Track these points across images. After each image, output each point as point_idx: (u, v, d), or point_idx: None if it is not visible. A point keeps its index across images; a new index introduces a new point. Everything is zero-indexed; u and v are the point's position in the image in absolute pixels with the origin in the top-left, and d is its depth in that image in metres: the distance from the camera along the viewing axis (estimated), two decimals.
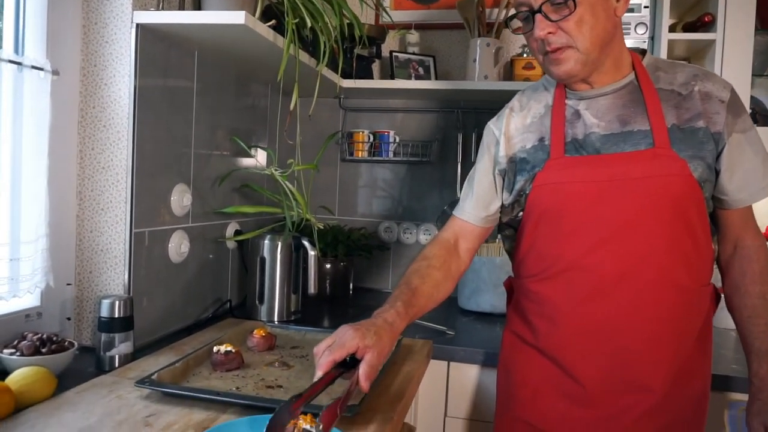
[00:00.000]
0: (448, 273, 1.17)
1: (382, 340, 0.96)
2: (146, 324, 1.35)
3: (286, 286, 1.58)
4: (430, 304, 1.13)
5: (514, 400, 1.18)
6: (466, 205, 1.22)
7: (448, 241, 1.22)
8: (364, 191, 2.16)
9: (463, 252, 1.23)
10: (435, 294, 1.14)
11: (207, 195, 1.58)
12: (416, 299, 1.09)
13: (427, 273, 1.14)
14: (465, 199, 1.23)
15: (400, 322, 1.03)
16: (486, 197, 1.21)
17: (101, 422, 0.88)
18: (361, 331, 0.95)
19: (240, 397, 0.96)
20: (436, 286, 1.14)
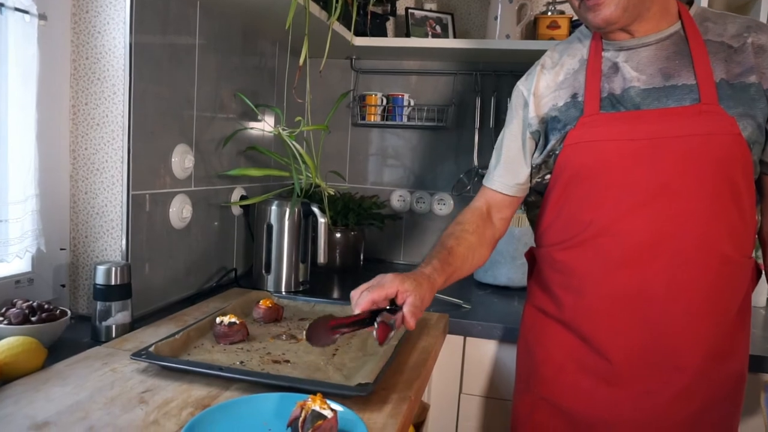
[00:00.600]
0: (482, 238, 1.12)
1: (422, 287, 0.94)
2: (145, 293, 1.27)
3: (294, 255, 1.49)
4: (465, 267, 1.08)
5: (535, 378, 1.11)
6: (495, 173, 1.15)
7: (480, 209, 1.16)
8: (375, 158, 2.06)
9: (497, 220, 1.16)
10: (470, 257, 1.09)
11: (210, 157, 1.49)
12: (452, 258, 1.04)
13: (461, 236, 1.09)
14: (493, 167, 1.16)
15: (438, 276, 0.99)
16: (515, 164, 1.13)
17: (92, 398, 0.81)
18: (400, 277, 0.93)
19: (244, 373, 0.88)
20: (471, 249, 1.09)
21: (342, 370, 0.95)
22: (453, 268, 1.04)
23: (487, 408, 1.40)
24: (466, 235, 1.10)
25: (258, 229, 1.52)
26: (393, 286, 0.92)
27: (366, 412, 0.80)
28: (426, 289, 0.95)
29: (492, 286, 1.72)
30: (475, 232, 1.11)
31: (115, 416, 0.76)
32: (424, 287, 0.95)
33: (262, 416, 0.75)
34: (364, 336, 1.13)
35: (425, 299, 0.94)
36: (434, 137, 2.00)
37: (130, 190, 1.20)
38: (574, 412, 1.05)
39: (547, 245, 1.10)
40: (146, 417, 0.76)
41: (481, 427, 1.40)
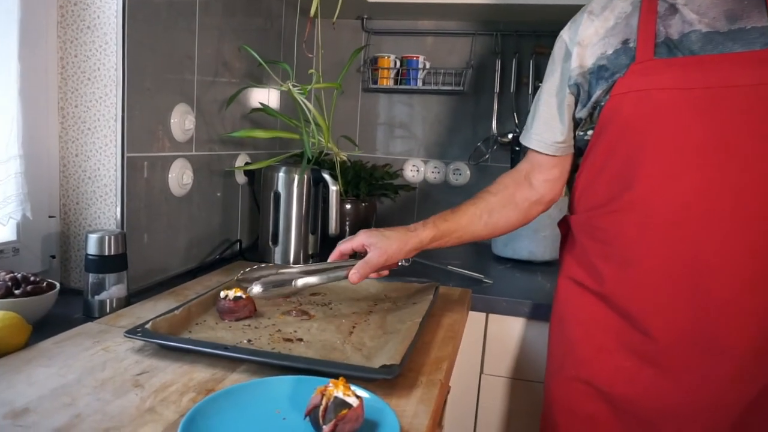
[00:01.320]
0: (508, 199, 1.07)
1: (389, 240, 0.96)
2: (143, 265, 1.17)
3: (303, 226, 1.39)
4: (476, 228, 1.05)
5: (570, 357, 1.01)
6: (531, 131, 1.06)
7: (518, 170, 1.10)
8: (387, 125, 1.94)
9: (538, 183, 1.08)
10: (484, 218, 1.05)
11: (213, 119, 1.37)
12: (455, 215, 1.04)
13: (480, 196, 1.07)
14: (530, 124, 1.07)
15: (425, 231, 1.00)
16: (553, 121, 1.03)
17: (80, 381, 0.71)
18: (371, 231, 0.98)
19: (253, 353, 0.78)
20: (488, 209, 1.05)
21: (361, 349, 0.85)
22: (453, 225, 1.02)
23: (511, 390, 1.31)
24: (486, 195, 1.07)
25: (264, 198, 1.41)
26: (359, 240, 0.98)
27: (392, 398, 0.70)
28: (395, 242, 0.97)
29: (512, 261, 1.62)
30: (499, 193, 1.07)
31: (106, 402, 0.66)
32: (391, 240, 0.96)
33: (275, 403, 0.65)
34: (383, 312, 1.03)
35: (389, 253, 0.96)
36: (451, 103, 1.88)
37: (125, 152, 1.09)
38: (615, 395, 0.95)
39: (585, 210, 1.00)
40: (141, 403, 0.66)
41: (503, 409, 1.31)
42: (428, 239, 1.00)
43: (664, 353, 0.90)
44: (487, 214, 1.05)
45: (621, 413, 0.95)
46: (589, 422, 0.98)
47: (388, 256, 0.96)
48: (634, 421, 0.94)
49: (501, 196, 1.07)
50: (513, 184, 1.09)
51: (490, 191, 1.08)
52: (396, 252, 0.97)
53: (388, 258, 0.96)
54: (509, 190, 1.08)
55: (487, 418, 1.32)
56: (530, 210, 1.09)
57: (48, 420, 0.61)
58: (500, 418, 1.32)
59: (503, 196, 1.07)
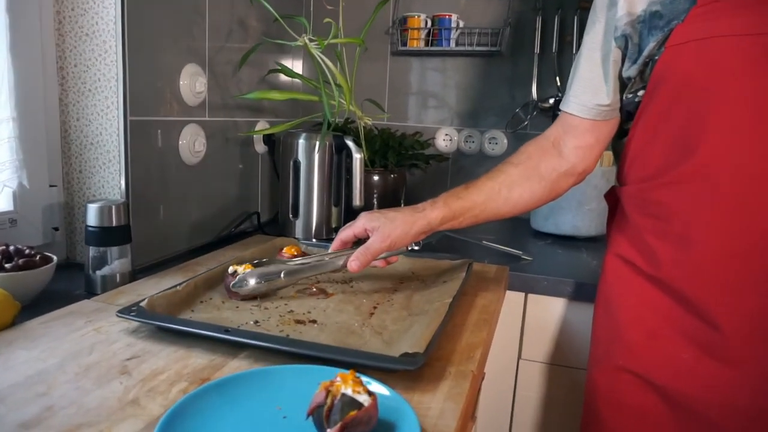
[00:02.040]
0: (531, 171, 0.93)
1: (393, 224, 0.86)
2: (152, 238, 1.09)
3: (325, 197, 1.28)
4: (496, 204, 0.92)
5: (618, 344, 0.89)
6: (570, 92, 0.92)
7: (545, 137, 0.95)
8: (418, 91, 1.81)
9: (568, 150, 0.93)
10: (506, 192, 0.92)
11: (228, 82, 1.27)
12: (468, 192, 0.91)
13: (499, 168, 0.94)
14: (569, 86, 0.93)
15: (434, 211, 0.88)
16: (594, 81, 0.89)
17: (61, 367, 0.63)
18: (373, 214, 0.88)
19: (257, 337, 0.68)
20: (509, 183, 0.92)
21: (382, 333, 0.74)
22: (467, 203, 0.90)
23: (551, 376, 1.19)
24: (506, 167, 0.94)
25: (284, 168, 1.31)
26: (360, 224, 0.88)
27: (415, 393, 0.60)
28: (399, 225, 0.86)
29: (553, 236, 1.49)
30: (522, 164, 0.94)
31: (85, 392, 0.57)
32: (396, 223, 0.86)
33: (275, 397, 0.55)
34: (409, 291, 0.92)
35: (393, 237, 0.85)
36: (486, 66, 1.73)
37: (128, 115, 1.00)
38: (669, 389, 0.82)
39: (637, 181, 0.86)
40: (125, 394, 0.57)
41: (543, 398, 1.20)
42: (438, 220, 0.89)
43: (729, 344, 0.77)
44: (507, 189, 0.92)
45: (676, 408, 0.82)
46: (638, 416, 0.86)
47: (391, 240, 0.86)
48: (691, 418, 0.82)
49: (523, 167, 0.94)
50: (538, 153, 0.95)
51: (511, 162, 0.95)
52: (401, 236, 0.86)
53: (392, 243, 0.86)
54: (533, 161, 0.94)
55: (525, 407, 1.21)
56: (558, 182, 0.95)
57: (16, 412, 0.53)
58: (539, 407, 1.21)
59: (526, 167, 0.94)
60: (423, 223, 0.88)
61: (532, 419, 1.21)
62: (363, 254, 0.86)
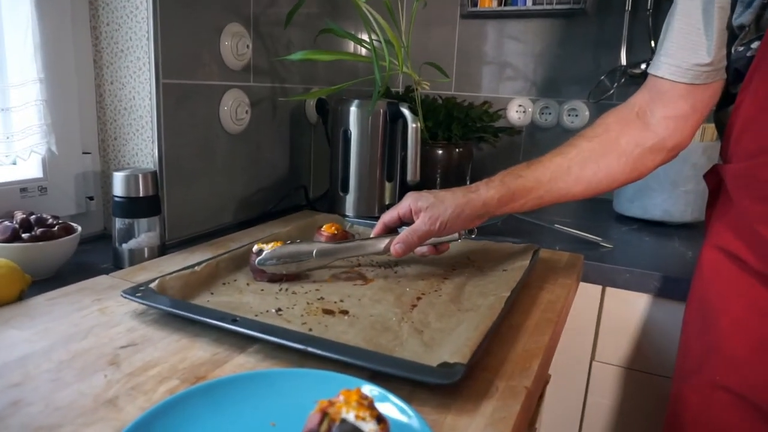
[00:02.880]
0: (609, 145, 0.79)
1: (442, 205, 0.76)
2: (188, 212, 1.02)
3: (378, 171, 1.17)
4: (565, 184, 0.79)
5: (715, 356, 0.73)
6: (662, 51, 0.76)
7: (630, 106, 0.80)
8: (489, 57, 1.64)
9: (656, 120, 0.78)
10: (577, 171, 0.79)
11: (275, 43, 1.17)
12: (531, 170, 0.79)
13: (570, 143, 0.81)
14: (660, 43, 0.77)
15: (487, 190, 0.77)
16: (694, 34, 0.72)
17: (48, 353, 0.55)
18: (420, 194, 0.78)
19: (266, 330, 0.57)
20: (581, 160, 0.79)
21: (423, 332, 0.62)
22: (529, 182, 0.78)
23: (629, 383, 1.03)
24: (579, 141, 0.80)
25: (335, 138, 1.20)
26: (406, 205, 0.78)
27: (448, 415, 0.47)
28: (450, 206, 0.75)
29: (640, 221, 1.30)
30: (598, 137, 0.80)
31: (62, 386, 0.49)
32: (446, 204, 0.76)
33: (272, 410, 0.45)
34: (461, 280, 0.80)
35: (443, 220, 0.75)
36: (568, 27, 1.54)
37: (161, 78, 0.92)
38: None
39: (746, 158, 0.70)
40: (104, 390, 0.49)
41: (617, 406, 1.04)
42: (494, 201, 0.77)
43: None
44: (579, 166, 0.79)
45: None
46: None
47: (441, 223, 0.76)
48: None
49: (600, 140, 0.79)
50: (618, 125, 0.80)
51: (585, 135, 0.81)
52: (452, 218, 0.76)
53: (441, 226, 0.76)
54: (612, 133, 0.79)
55: (597, 415, 1.06)
56: (642, 160, 0.79)
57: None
58: (612, 416, 1.05)
59: (603, 141, 0.79)
60: (477, 205, 0.76)
61: (604, 430, 1.06)
62: (408, 237, 0.77)
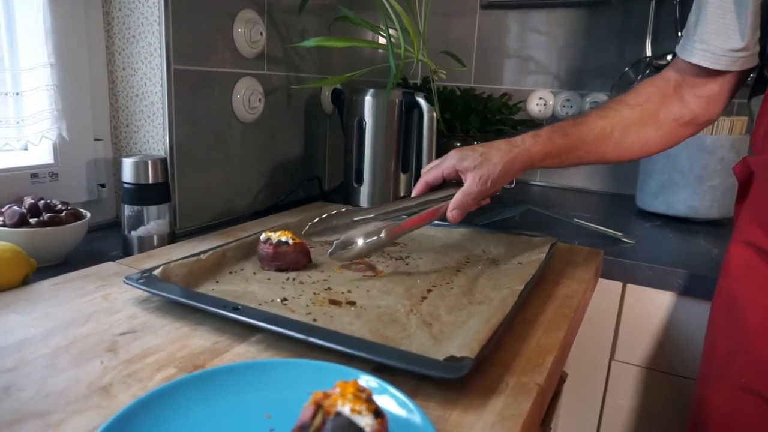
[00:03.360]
0: (650, 116, 0.79)
1: (490, 162, 0.73)
2: (199, 201, 1.00)
3: (393, 162, 1.14)
4: (604, 148, 0.79)
5: (743, 357, 0.69)
6: (695, 35, 0.74)
7: (664, 78, 0.80)
8: (510, 48, 1.60)
9: (690, 98, 0.78)
10: (618, 136, 0.79)
11: (290, 31, 1.15)
12: (578, 129, 0.78)
13: (611, 106, 0.81)
14: (692, 26, 0.75)
15: (533, 144, 0.75)
16: (727, 19, 0.70)
17: (46, 338, 0.54)
18: (464, 151, 0.75)
19: (267, 319, 0.55)
20: (623, 126, 0.79)
21: (432, 325, 0.60)
22: (574, 141, 0.77)
23: (650, 383, 0.99)
24: (620, 106, 0.80)
25: (349, 128, 1.18)
26: (450, 165, 0.75)
27: (454, 412, 0.45)
28: (497, 164, 0.73)
29: (664, 217, 1.26)
30: (640, 107, 0.80)
31: (57, 372, 0.48)
32: (492, 162, 0.73)
33: (268, 402, 0.43)
34: (474, 272, 0.77)
35: (494, 178, 0.73)
36: (591, 17, 1.49)
37: (172, 63, 0.91)
38: None
39: None
40: (99, 378, 0.47)
41: (638, 407, 1.00)
42: (539, 156, 0.76)
43: None
44: (620, 133, 0.79)
45: None
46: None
47: (492, 182, 0.74)
48: None
49: (641, 110, 0.80)
50: (658, 97, 0.80)
51: (627, 102, 0.80)
52: (501, 176, 0.74)
53: (492, 184, 0.74)
54: (653, 104, 0.80)
55: (616, 416, 1.02)
56: (676, 132, 0.81)
57: None
58: (632, 418, 1.01)
59: (644, 111, 0.80)
60: (524, 159, 0.75)
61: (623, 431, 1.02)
62: (463, 201, 0.75)
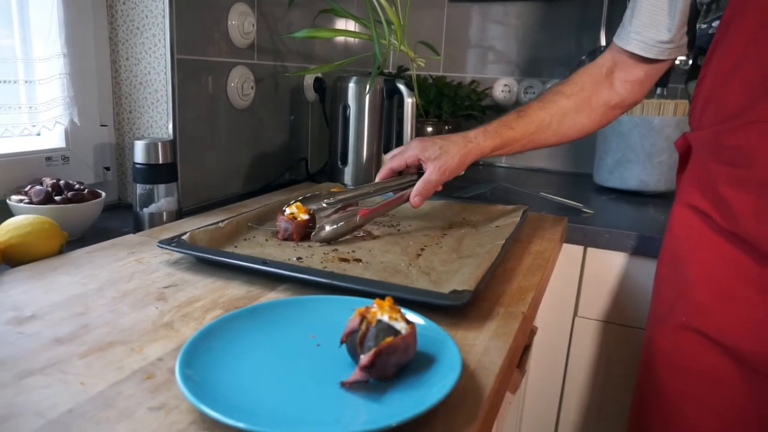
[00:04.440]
0: (584, 103, 0.92)
1: (448, 154, 0.85)
2: (200, 181, 1.08)
3: (375, 144, 1.24)
4: (545, 136, 0.92)
5: (683, 302, 0.81)
6: (631, 27, 0.86)
7: (599, 67, 0.92)
8: (476, 39, 1.72)
9: (619, 83, 0.90)
10: (556, 125, 0.91)
11: (277, 23, 1.24)
12: (520, 122, 0.90)
13: (550, 98, 0.92)
14: (627, 19, 0.87)
15: (485, 140, 0.88)
16: (659, 15, 0.82)
17: (100, 291, 0.62)
18: (425, 142, 0.86)
19: (295, 269, 0.65)
20: (560, 115, 0.91)
21: (429, 274, 0.70)
22: (518, 134, 0.90)
23: (608, 336, 1.12)
24: (557, 97, 0.92)
25: (334, 113, 1.27)
26: (413, 154, 0.86)
27: (459, 330, 0.56)
28: (454, 155, 0.85)
29: (618, 191, 1.40)
30: (575, 95, 0.92)
31: (121, 314, 0.56)
32: (450, 154, 0.85)
33: (310, 326, 0.53)
34: (459, 235, 0.88)
35: (451, 168, 0.85)
36: (550, 10, 1.62)
37: (175, 53, 0.98)
38: (742, 350, 0.74)
39: (711, 124, 0.78)
40: (159, 317, 0.56)
41: (597, 357, 1.14)
42: (489, 149, 0.89)
43: None
44: (558, 121, 0.91)
45: (747, 372, 0.74)
46: (704, 379, 0.78)
47: (449, 172, 0.86)
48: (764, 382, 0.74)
49: (576, 99, 0.92)
50: (591, 85, 0.92)
51: (564, 92, 0.92)
52: (457, 167, 0.86)
53: (449, 174, 0.86)
54: (586, 92, 0.92)
55: (579, 366, 1.15)
56: (606, 115, 0.94)
57: (51, 329, 0.53)
58: (593, 366, 1.14)
59: (579, 99, 0.92)
60: (477, 153, 0.87)
61: (586, 379, 1.15)
62: (424, 189, 0.85)
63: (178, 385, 0.41)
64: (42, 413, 0.40)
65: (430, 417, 0.41)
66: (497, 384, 0.46)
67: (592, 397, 1.15)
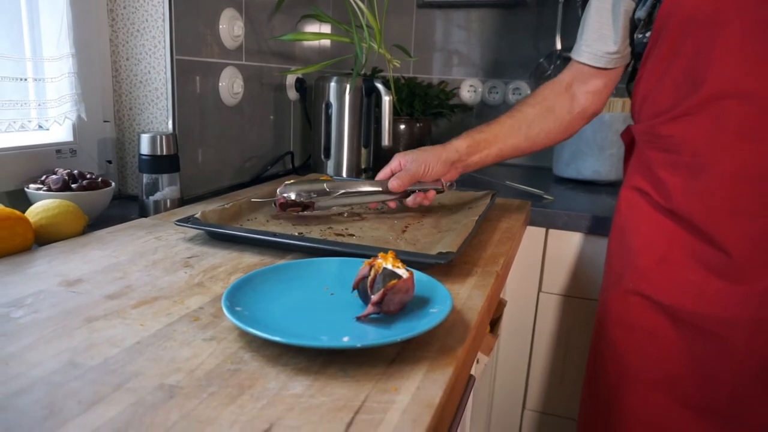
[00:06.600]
0: (547, 111, 1.02)
1: (424, 153, 0.96)
2: (197, 173, 1.17)
3: (355, 139, 1.35)
4: (517, 140, 1.02)
5: (629, 269, 0.94)
6: (581, 41, 0.99)
7: (559, 81, 1.03)
8: (443, 43, 1.85)
9: (580, 94, 1.02)
10: (525, 129, 1.01)
11: (263, 28, 1.33)
12: (490, 127, 1.01)
13: (517, 108, 1.03)
14: (580, 35, 1.00)
15: (458, 140, 0.99)
16: (604, 29, 0.95)
17: (132, 261, 0.71)
18: (405, 152, 0.98)
19: (303, 239, 0.76)
20: (527, 122, 1.01)
21: (415, 244, 0.82)
22: (489, 136, 1.00)
23: (568, 308, 1.26)
24: (523, 107, 1.03)
25: (316, 110, 1.37)
26: (396, 161, 0.96)
27: (446, 284, 0.67)
28: (430, 153, 0.95)
29: (575, 181, 1.54)
30: (538, 105, 1.02)
31: (156, 277, 0.66)
32: (427, 152, 0.96)
33: (323, 280, 0.63)
34: (436, 216, 0.99)
35: (427, 161, 0.95)
36: (510, 17, 1.76)
37: (174, 55, 1.07)
38: (677, 308, 0.87)
39: (648, 118, 0.91)
40: (190, 279, 0.66)
41: (560, 328, 1.27)
42: (464, 148, 0.98)
43: (736, 265, 0.82)
44: (527, 127, 1.01)
45: (682, 326, 0.87)
46: (647, 336, 0.91)
47: (425, 165, 0.95)
48: (698, 335, 0.87)
49: (540, 108, 1.02)
50: (552, 96, 1.03)
51: (528, 103, 1.03)
52: (434, 161, 0.95)
53: (426, 167, 0.95)
54: (548, 102, 1.02)
55: (544, 336, 1.28)
56: (572, 123, 1.04)
57: (100, 289, 0.62)
58: (557, 336, 1.28)
59: (542, 108, 1.02)
60: (451, 150, 0.97)
61: (550, 348, 1.28)
62: (403, 175, 0.94)
63: (223, 323, 0.51)
64: (116, 344, 0.50)
65: (429, 337, 0.52)
66: (480, 317, 0.58)
67: (555, 363, 1.28)
